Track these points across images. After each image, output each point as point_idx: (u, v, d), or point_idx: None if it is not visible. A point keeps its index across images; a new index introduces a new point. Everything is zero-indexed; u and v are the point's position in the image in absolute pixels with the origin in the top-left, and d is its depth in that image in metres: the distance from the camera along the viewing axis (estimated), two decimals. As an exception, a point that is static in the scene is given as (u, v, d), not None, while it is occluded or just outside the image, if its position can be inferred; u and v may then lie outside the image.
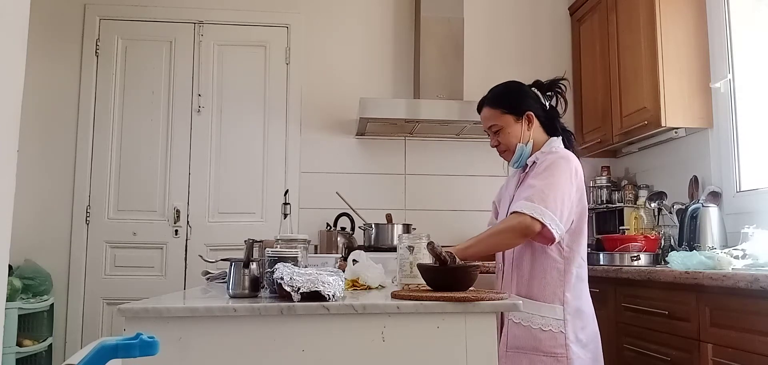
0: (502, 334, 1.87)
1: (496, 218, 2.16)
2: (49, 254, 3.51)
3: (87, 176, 3.62)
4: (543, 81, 2.04)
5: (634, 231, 3.07)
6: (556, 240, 1.78)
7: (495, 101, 2.02)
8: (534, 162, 1.94)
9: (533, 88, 2.02)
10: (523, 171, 2.00)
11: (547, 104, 2.01)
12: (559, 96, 2.04)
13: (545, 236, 1.79)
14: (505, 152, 2.01)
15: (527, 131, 1.96)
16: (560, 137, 2.00)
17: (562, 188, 1.80)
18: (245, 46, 3.82)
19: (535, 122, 1.97)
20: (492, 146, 2.05)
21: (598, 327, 1.93)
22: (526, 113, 1.96)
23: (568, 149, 1.98)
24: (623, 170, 3.74)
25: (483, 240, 1.84)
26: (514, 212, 1.81)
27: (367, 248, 3.25)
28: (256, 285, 1.46)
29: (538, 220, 1.75)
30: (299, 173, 3.75)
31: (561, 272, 1.83)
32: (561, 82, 2.03)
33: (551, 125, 2.00)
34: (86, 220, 3.60)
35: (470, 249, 1.79)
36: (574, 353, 1.79)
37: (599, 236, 3.34)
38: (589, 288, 1.95)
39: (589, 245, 3.06)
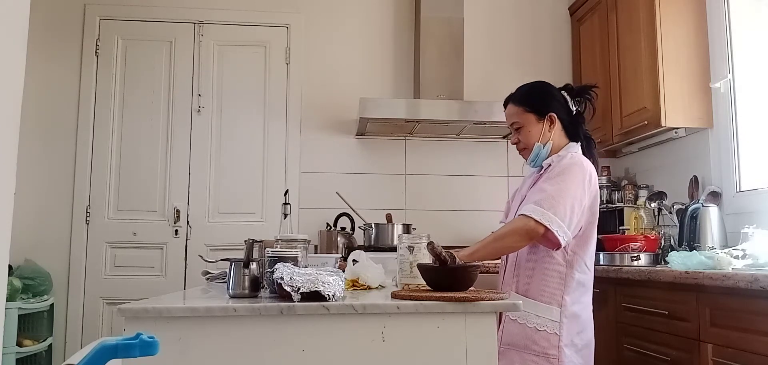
0: (499, 331, 1.88)
1: (506, 217, 2.16)
2: (49, 254, 3.51)
3: (87, 176, 3.62)
4: (573, 86, 2.03)
5: (634, 231, 3.07)
6: (562, 246, 1.79)
7: (520, 99, 2.01)
8: (549, 165, 1.94)
9: (563, 92, 2.01)
10: (539, 172, 2.00)
11: (575, 109, 1.99)
12: (588, 103, 2.02)
13: (551, 241, 1.79)
14: (524, 150, 2.01)
15: (548, 132, 1.95)
16: (579, 143, 1.99)
17: (572, 194, 1.81)
18: (245, 46, 3.82)
19: (557, 125, 1.96)
20: (512, 143, 2.06)
21: (594, 336, 1.92)
22: (549, 114, 1.96)
23: (588, 156, 1.97)
24: (623, 170, 3.74)
25: (488, 244, 1.84)
26: (521, 214, 1.82)
27: (367, 248, 3.25)
28: (256, 285, 1.46)
29: (544, 225, 1.75)
30: (299, 173, 3.75)
31: (562, 276, 1.84)
32: (592, 89, 2.02)
33: (574, 130, 1.99)
34: (86, 220, 3.60)
35: (476, 254, 1.79)
36: (566, 356, 1.79)
37: (599, 236, 3.33)
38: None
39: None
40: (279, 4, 3.86)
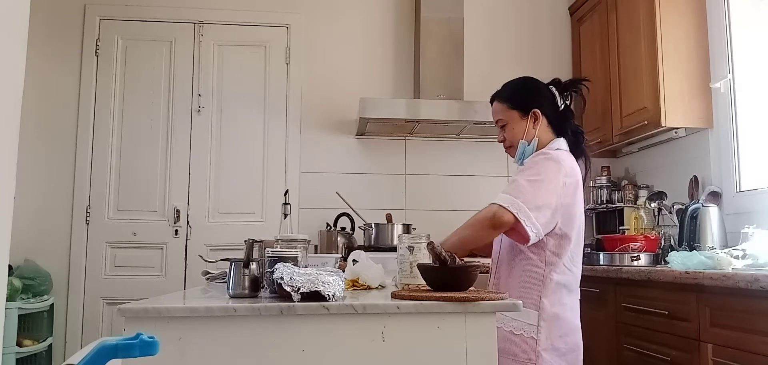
0: None
1: None
2: (49, 254, 3.51)
3: (87, 176, 3.62)
4: (562, 80, 1.99)
5: (634, 231, 3.07)
6: (531, 240, 1.72)
7: (504, 96, 1.98)
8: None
9: (551, 87, 1.96)
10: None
11: (563, 103, 1.95)
12: (575, 95, 1.98)
13: (520, 234, 1.74)
14: (510, 148, 1.97)
15: (532, 129, 1.91)
16: (565, 139, 1.95)
17: (545, 187, 1.75)
18: (245, 46, 3.82)
19: (542, 121, 1.92)
20: (498, 141, 2.01)
21: (582, 339, 1.84)
22: (533, 110, 1.92)
23: (576, 150, 1.93)
24: (623, 170, 3.74)
25: (455, 232, 1.80)
26: (490, 204, 1.77)
27: (367, 248, 3.25)
28: (256, 285, 1.46)
29: (511, 213, 1.70)
30: (299, 173, 3.75)
31: (539, 277, 1.78)
32: (583, 83, 1.99)
33: (561, 126, 1.95)
34: (86, 220, 3.60)
35: (445, 244, 1.73)
36: (545, 360, 1.72)
37: (599, 236, 3.34)
38: (590, 287, 1.93)
39: (588, 246, 3.07)
40: (279, 4, 3.86)
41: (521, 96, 1.95)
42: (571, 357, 1.79)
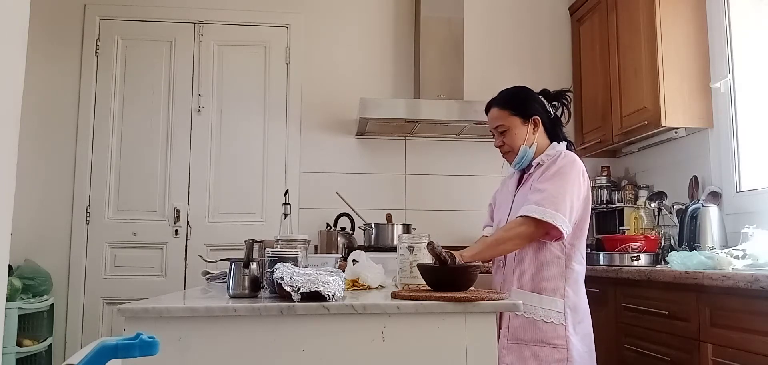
0: (503, 326, 1.91)
1: (492, 220, 2.22)
2: (49, 254, 3.51)
3: (87, 176, 3.62)
4: (550, 91, 2.11)
5: (634, 231, 3.07)
6: (565, 234, 1.84)
7: (504, 103, 2.07)
8: (539, 164, 1.99)
9: (540, 96, 2.09)
10: (525, 172, 2.06)
11: (552, 112, 2.08)
12: (564, 107, 2.11)
13: (552, 235, 1.86)
14: (509, 153, 2.07)
15: (532, 134, 2.03)
16: (563, 143, 2.06)
17: (571, 190, 1.87)
18: (245, 46, 3.82)
19: (540, 127, 2.04)
20: (496, 146, 2.11)
21: (592, 325, 1.98)
22: (533, 117, 2.02)
23: None
24: (623, 170, 3.74)
25: (491, 246, 1.88)
26: (521, 216, 1.86)
27: (367, 248, 3.25)
28: (256, 285, 1.47)
29: (546, 222, 1.81)
30: (299, 173, 3.75)
31: (562, 267, 1.89)
32: (567, 93, 2.11)
33: (554, 132, 2.07)
34: (86, 220, 3.60)
35: (480, 255, 1.82)
36: (573, 345, 1.85)
37: (599, 236, 3.34)
38: (590, 287, 1.98)
39: (589, 245, 3.07)
40: (279, 4, 3.86)
41: (521, 103, 2.06)
42: (587, 340, 1.94)
